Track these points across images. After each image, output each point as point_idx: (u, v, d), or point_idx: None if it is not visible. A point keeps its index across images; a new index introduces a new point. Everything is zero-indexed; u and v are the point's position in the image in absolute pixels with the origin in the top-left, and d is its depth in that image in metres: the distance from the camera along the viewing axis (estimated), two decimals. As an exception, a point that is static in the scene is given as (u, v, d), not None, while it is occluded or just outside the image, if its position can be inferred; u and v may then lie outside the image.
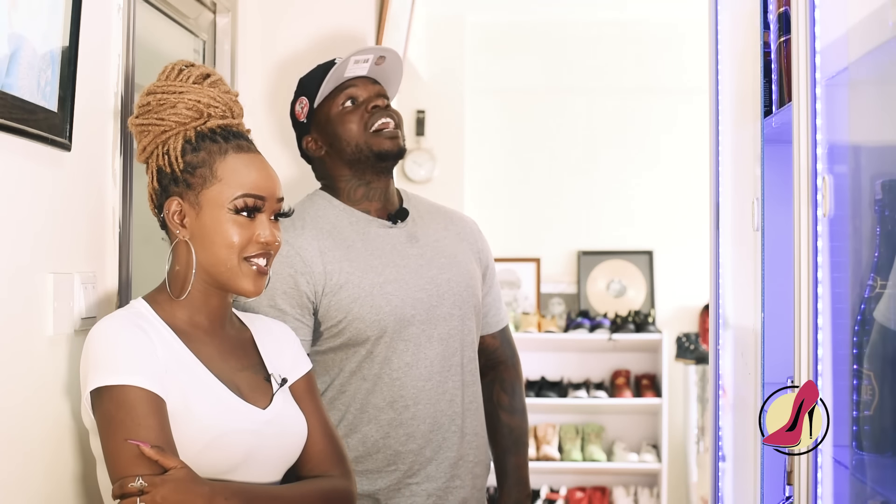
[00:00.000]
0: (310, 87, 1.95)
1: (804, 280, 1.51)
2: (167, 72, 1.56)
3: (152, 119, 1.53)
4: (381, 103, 1.93)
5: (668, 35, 5.11)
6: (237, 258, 1.49)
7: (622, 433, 5.14)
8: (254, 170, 1.52)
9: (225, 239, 1.49)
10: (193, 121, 1.53)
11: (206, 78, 1.57)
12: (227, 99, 1.57)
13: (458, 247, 2.01)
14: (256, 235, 1.50)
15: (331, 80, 1.91)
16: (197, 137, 1.52)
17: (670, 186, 5.14)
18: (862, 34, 1.39)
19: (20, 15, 1.38)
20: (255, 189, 1.50)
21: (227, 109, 1.56)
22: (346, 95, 1.93)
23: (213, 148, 1.51)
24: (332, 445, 1.61)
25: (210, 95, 1.54)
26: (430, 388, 1.88)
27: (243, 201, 1.49)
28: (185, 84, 1.54)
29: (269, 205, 1.52)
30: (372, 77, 1.96)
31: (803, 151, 1.53)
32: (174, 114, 1.52)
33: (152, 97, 1.54)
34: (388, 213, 1.95)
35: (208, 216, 1.49)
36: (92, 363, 1.40)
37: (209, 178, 1.50)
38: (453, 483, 1.90)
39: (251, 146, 1.56)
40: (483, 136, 5.23)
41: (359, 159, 1.91)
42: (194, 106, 1.53)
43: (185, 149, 1.51)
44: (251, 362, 1.57)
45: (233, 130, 1.55)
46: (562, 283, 5.27)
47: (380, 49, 1.95)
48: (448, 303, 1.92)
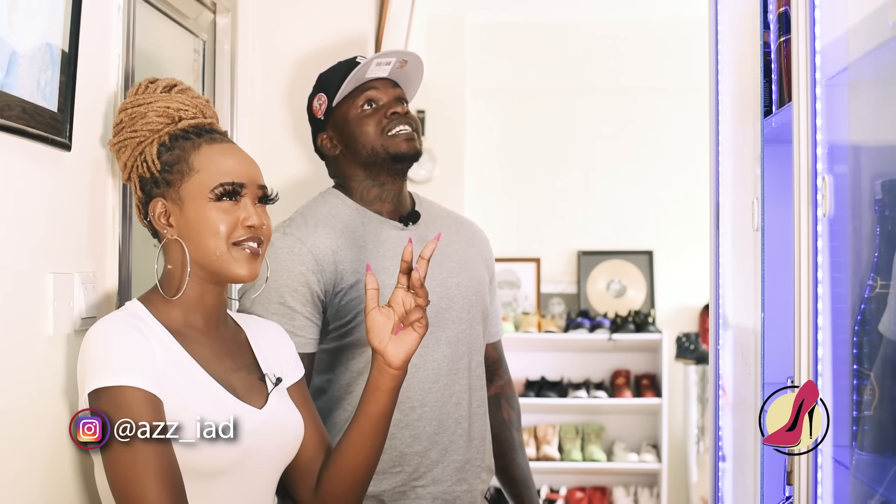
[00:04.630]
0: (329, 85, 1.94)
1: (804, 280, 1.51)
2: (135, 89, 1.59)
3: (127, 134, 1.56)
4: (401, 109, 1.92)
5: (668, 35, 5.11)
6: (226, 245, 1.50)
7: (622, 433, 5.14)
8: (230, 157, 1.53)
9: (211, 227, 1.49)
10: (166, 126, 1.55)
11: (173, 87, 1.60)
12: (196, 103, 1.60)
13: (467, 252, 2.01)
14: (242, 220, 1.51)
15: (352, 81, 1.91)
16: (171, 139, 1.55)
17: (670, 186, 5.14)
18: (862, 34, 1.39)
19: (20, 15, 1.38)
20: (233, 175, 1.51)
21: (198, 112, 1.59)
22: (365, 98, 1.92)
23: (186, 144, 1.53)
24: (325, 449, 1.61)
25: (179, 101, 1.57)
26: (437, 391, 1.88)
27: (223, 188, 1.50)
28: (153, 95, 1.57)
29: (251, 190, 1.53)
30: (392, 79, 1.96)
31: (803, 151, 1.53)
32: (146, 123, 1.55)
33: (123, 114, 1.57)
34: (399, 216, 1.95)
35: (192, 209, 1.50)
36: (89, 365, 1.40)
37: (187, 172, 1.51)
38: (460, 487, 1.89)
39: (224, 138, 1.58)
40: (483, 136, 5.23)
41: (374, 161, 1.91)
42: (164, 112, 1.55)
43: (160, 151, 1.54)
44: (246, 362, 1.58)
45: (205, 127, 1.57)
46: (562, 283, 5.27)
47: (402, 52, 1.94)
48: (457, 306, 1.92)
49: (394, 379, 1.54)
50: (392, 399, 1.55)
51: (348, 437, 1.57)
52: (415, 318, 1.53)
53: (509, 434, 2.11)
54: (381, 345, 1.53)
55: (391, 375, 1.54)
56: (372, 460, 1.57)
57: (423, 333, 1.54)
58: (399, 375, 1.54)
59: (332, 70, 1.97)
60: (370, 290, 1.54)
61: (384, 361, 1.53)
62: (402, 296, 1.55)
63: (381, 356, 1.54)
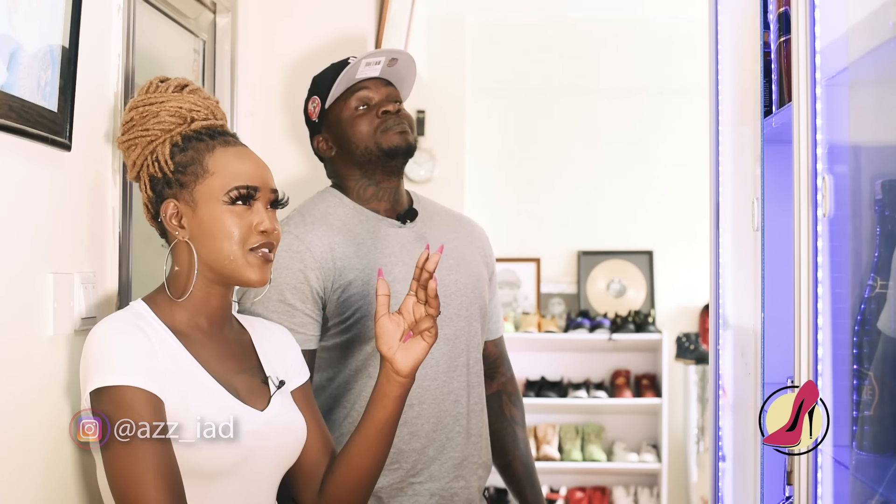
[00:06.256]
0: (322, 87, 1.95)
1: (804, 280, 1.51)
2: (146, 87, 1.58)
3: (137, 132, 1.55)
4: (393, 108, 1.92)
5: (669, 35, 5.11)
6: (240, 250, 1.50)
7: (622, 433, 5.14)
8: (244, 160, 1.53)
9: (224, 231, 1.49)
10: (178, 126, 1.55)
11: (184, 87, 1.59)
12: (208, 104, 1.59)
13: (466, 249, 2.01)
14: (256, 225, 1.51)
15: (342, 82, 1.91)
16: (183, 139, 1.54)
17: (670, 186, 5.14)
18: (862, 34, 1.39)
19: (20, 15, 1.38)
20: (247, 179, 1.51)
21: (209, 113, 1.59)
22: (357, 98, 1.93)
23: (200, 146, 1.53)
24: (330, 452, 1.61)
25: (191, 101, 1.57)
26: (436, 388, 1.88)
27: (237, 191, 1.50)
28: (164, 94, 1.56)
29: (264, 194, 1.53)
30: (384, 78, 1.96)
31: (803, 151, 1.53)
32: (158, 123, 1.54)
33: (135, 111, 1.56)
34: (397, 213, 1.95)
35: (205, 212, 1.50)
36: (91, 364, 1.41)
37: (201, 174, 1.51)
38: (457, 483, 1.90)
39: (237, 141, 1.57)
40: (483, 136, 5.23)
41: (369, 160, 1.91)
42: (177, 112, 1.55)
43: (173, 152, 1.53)
44: (249, 365, 1.57)
45: (218, 129, 1.57)
46: (562, 283, 5.27)
47: (391, 51, 1.94)
48: (455, 304, 1.93)
49: (401, 386, 1.54)
50: (399, 405, 1.55)
51: (354, 441, 1.57)
52: (425, 326, 1.53)
53: (511, 431, 2.11)
54: (390, 352, 1.53)
55: (399, 383, 1.54)
56: (377, 465, 1.57)
57: (433, 343, 1.54)
58: (406, 383, 1.54)
59: (324, 72, 1.98)
60: (381, 295, 1.54)
61: (392, 369, 1.53)
62: (413, 304, 1.55)
63: (389, 363, 1.53)
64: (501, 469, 2.12)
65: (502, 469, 2.12)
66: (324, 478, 1.60)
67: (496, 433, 2.08)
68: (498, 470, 2.12)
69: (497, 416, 2.09)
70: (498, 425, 2.09)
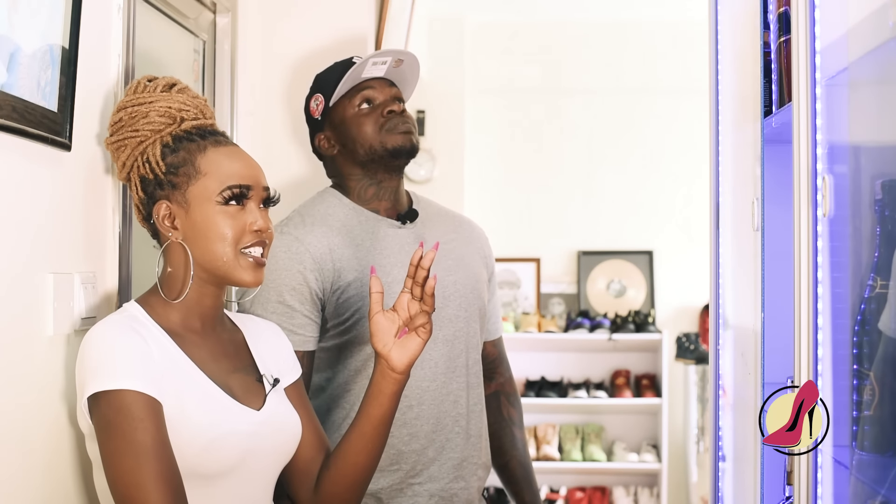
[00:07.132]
0: (326, 85, 1.95)
1: (804, 280, 1.51)
2: (133, 87, 1.58)
3: (127, 133, 1.54)
4: (397, 108, 1.92)
5: (668, 35, 5.12)
6: (233, 250, 1.50)
7: (622, 433, 5.14)
8: (236, 160, 1.53)
9: (218, 232, 1.49)
10: (168, 126, 1.54)
11: (173, 87, 1.59)
12: (197, 103, 1.59)
13: (465, 249, 2.01)
14: (249, 224, 1.50)
15: (348, 81, 1.91)
16: (174, 140, 1.53)
17: (670, 186, 5.15)
18: (862, 34, 1.39)
19: (20, 15, 1.38)
20: (240, 178, 1.51)
21: (198, 112, 1.58)
22: (362, 97, 1.93)
23: (191, 146, 1.52)
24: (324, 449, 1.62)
25: (180, 101, 1.56)
26: (435, 389, 1.88)
27: (231, 191, 1.50)
28: (153, 94, 1.56)
29: (256, 193, 1.53)
30: (389, 79, 1.96)
31: (803, 151, 1.53)
32: (147, 123, 1.54)
33: (123, 112, 1.56)
34: (397, 214, 1.95)
35: (198, 212, 1.50)
36: (88, 368, 1.40)
37: (193, 175, 1.51)
38: (457, 484, 1.90)
39: (228, 140, 1.57)
40: (483, 136, 5.23)
41: (372, 159, 1.91)
42: (166, 112, 1.54)
43: (164, 152, 1.52)
44: (243, 364, 1.57)
45: (208, 129, 1.57)
46: (562, 283, 5.27)
47: (398, 52, 1.94)
48: (454, 304, 1.92)
49: (396, 383, 1.54)
50: (394, 402, 1.55)
51: (349, 438, 1.57)
52: (419, 323, 1.53)
53: (509, 431, 2.11)
54: (385, 349, 1.53)
55: (394, 379, 1.54)
56: (372, 462, 1.57)
57: (427, 339, 1.54)
58: (401, 380, 1.55)
59: (328, 70, 1.97)
60: (375, 293, 1.54)
61: (387, 365, 1.53)
62: (407, 300, 1.55)
63: (384, 360, 1.54)
64: (499, 469, 2.12)
65: (500, 469, 2.12)
66: (319, 475, 1.59)
67: (494, 433, 2.08)
68: (495, 470, 2.12)
69: (495, 417, 2.09)
70: (496, 426, 2.09)
